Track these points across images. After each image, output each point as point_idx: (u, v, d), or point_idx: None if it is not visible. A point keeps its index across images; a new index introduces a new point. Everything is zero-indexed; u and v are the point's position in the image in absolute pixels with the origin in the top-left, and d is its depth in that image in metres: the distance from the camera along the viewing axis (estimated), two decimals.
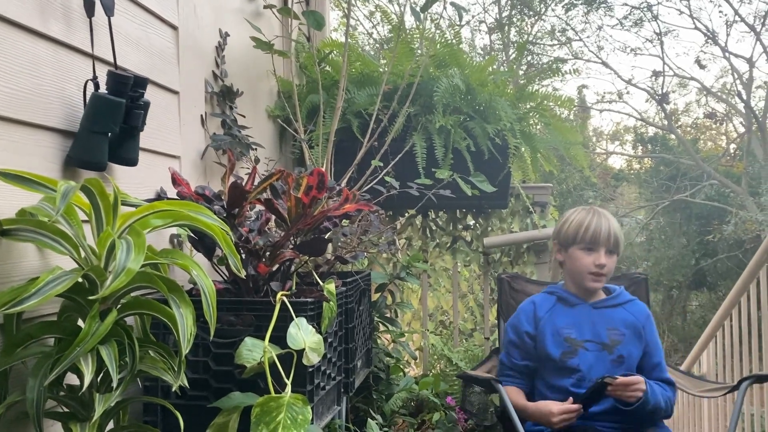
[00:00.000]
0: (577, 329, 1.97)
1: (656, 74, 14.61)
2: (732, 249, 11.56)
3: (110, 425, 1.24)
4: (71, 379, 1.17)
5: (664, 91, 14.74)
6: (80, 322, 1.17)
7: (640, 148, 15.79)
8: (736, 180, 13.02)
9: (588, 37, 18.42)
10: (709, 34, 14.31)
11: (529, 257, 3.03)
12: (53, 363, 1.04)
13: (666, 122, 14.90)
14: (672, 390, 1.96)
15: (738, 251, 11.37)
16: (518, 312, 2.07)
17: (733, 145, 15.23)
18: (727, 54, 14.25)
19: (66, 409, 1.16)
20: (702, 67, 14.78)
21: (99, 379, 1.12)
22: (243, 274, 1.26)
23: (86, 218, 1.16)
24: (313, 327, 1.42)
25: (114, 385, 1.06)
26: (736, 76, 14.34)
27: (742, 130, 14.80)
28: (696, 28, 14.32)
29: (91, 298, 1.07)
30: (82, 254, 1.13)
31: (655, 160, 14.52)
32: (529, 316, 2.02)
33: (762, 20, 13.54)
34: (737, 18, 13.85)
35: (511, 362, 2.02)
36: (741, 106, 14.35)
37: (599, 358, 1.94)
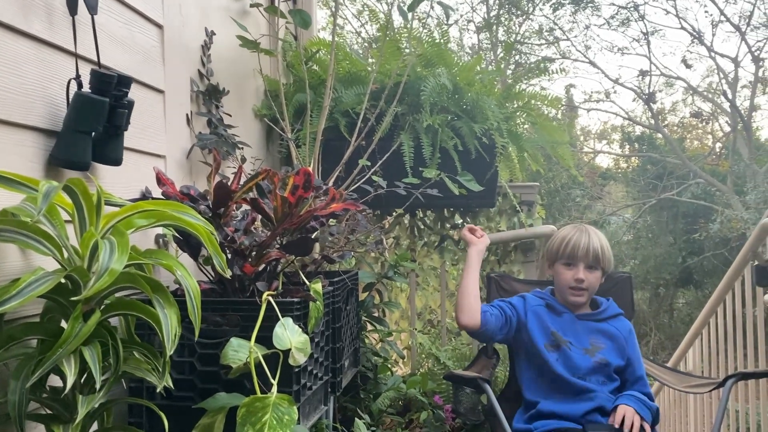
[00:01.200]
0: (561, 332, 2.02)
1: (643, 74, 14.70)
2: (718, 247, 11.66)
3: (94, 427, 1.23)
4: (54, 380, 1.16)
5: (651, 90, 14.84)
6: (63, 324, 1.16)
7: (627, 147, 15.89)
8: (721, 179, 13.13)
9: (575, 36, 18.47)
10: (695, 33, 14.43)
11: (516, 256, 3.04)
12: (35, 364, 1.02)
13: (653, 121, 15.00)
14: (654, 405, 1.99)
15: (724, 249, 11.47)
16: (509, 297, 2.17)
17: (718, 144, 15.37)
18: (712, 54, 14.37)
19: (49, 411, 1.15)
20: (688, 66, 14.88)
21: (82, 380, 1.11)
22: (228, 274, 1.26)
23: (69, 218, 1.14)
24: (300, 327, 1.41)
25: (97, 386, 1.05)
26: (721, 76, 14.47)
27: (727, 129, 14.93)
28: (682, 27, 14.43)
29: (74, 299, 1.06)
30: (65, 255, 1.12)
31: (642, 159, 14.62)
32: (521, 302, 2.12)
33: (747, 20, 13.67)
34: (723, 18, 13.97)
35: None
36: (726, 105, 14.48)
37: (582, 357, 1.97)
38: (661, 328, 12.75)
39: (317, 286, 1.54)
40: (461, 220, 3.12)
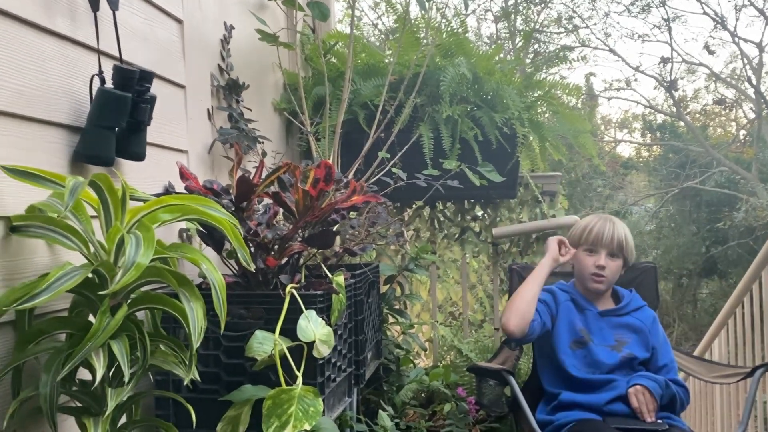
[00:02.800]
0: (587, 330, 2.01)
1: (664, 61, 14.48)
2: (743, 236, 11.48)
3: (123, 419, 1.25)
4: (83, 374, 1.17)
5: (673, 77, 14.62)
6: (91, 318, 1.17)
7: (649, 135, 15.69)
8: (746, 166, 12.91)
9: (595, 24, 18.27)
10: (718, 19, 14.16)
11: (539, 247, 3.02)
12: (65, 358, 1.04)
13: (675, 109, 14.78)
14: (683, 390, 1.96)
15: (749, 238, 11.29)
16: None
17: (743, 131, 15.11)
18: (736, 39, 14.11)
19: (79, 404, 1.17)
20: (711, 52, 14.65)
21: (111, 373, 1.12)
22: (252, 267, 1.26)
23: (95, 213, 1.16)
24: (323, 319, 1.42)
25: (126, 379, 1.06)
26: (745, 62, 14.20)
27: (752, 115, 14.67)
28: (705, 13, 14.18)
29: (101, 293, 1.07)
30: (92, 249, 1.13)
31: (664, 148, 14.42)
32: (550, 298, 2.09)
33: None
34: (747, 2, 13.70)
35: None
36: (751, 91, 14.21)
37: (608, 353, 1.97)
38: (684, 318, 12.60)
39: (339, 278, 1.54)
40: (482, 211, 3.10)
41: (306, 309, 1.38)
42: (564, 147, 2.87)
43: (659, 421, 1.85)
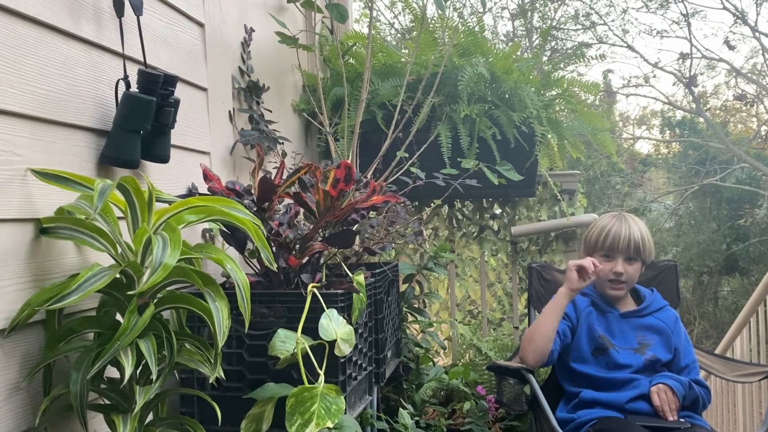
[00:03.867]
0: (608, 335, 1.99)
1: (683, 56, 14.30)
2: (765, 233, 11.32)
3: (149, 417, 1.28)
4: (112, 372, 1.20)
5: (692, 73, 14.44)
6: (119, 317, 1.20)
7: (668, 132, 15.51)
8: (767, 163, 12.73)
9: (613, 20, 18.12)
10: (738, 13, 13.97)
11: (558, 245, 3.01)
12: (94, 357, 1.07)
13: (694, 105, 14.61)
14: (705, 390, 1.95)
15: None
16: None
17: (764, 127, 14.88)
18: (757, 33, 13.89)
19: (107, 402, 1.20)
20: (731, 47, 14.44)
21: (138, 371, 1.15)
22: (275, 266, 1.28)
23: (122, 215, 1.18)
24: (344, 318, 1.43)
25: (153, 377, 1.08)
26: (766, 56, 13.99)
27: None
28: (724, 8, 13.98)
29: (129, 293, 1.09)
30: (119, 250, 1.16)
31: (684, 145, 14.26)
32: (570, 309, 2.04)
33: None
34: None
35: None
36: None
37: (632, 356, 1.95)
38: (705, 316, 12.45)
39: (360, 277, 1.56)
40: (500, 210, 3.10)
41: (327, 308, 1.40)
42: (582, 145, 2.86)
43: (681, 420, 1.85)
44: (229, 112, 1.96)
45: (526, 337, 1.99)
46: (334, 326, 1.39)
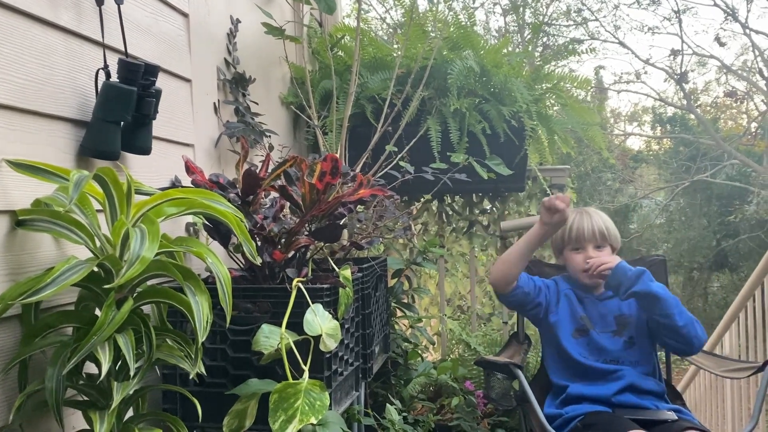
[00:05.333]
0: (589, 317, 2.01)
1: (675, 53, 14.34)
2: (754, 229, 11.39)
3: (129, 413, 1.25)
4: (89, 368, 1.17)
5: (683, 70, 14.48)
6: (97, 311, 1.17)
7: (659, 128, 15.56)
8: (757, 159, 12.79)
9: (604, 16, 18.13)
10: (728, 10, 14.01)
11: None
12: (71, 352, 1.04)
13: (685, 102, 14.66)
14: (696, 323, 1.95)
15: (760, 231, 11.19)
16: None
17: (754, 124, 14.94)
18: (747, 30, 13.95)
19: (85, 398, 1.17)
20: (722, 44, 14.48)
21: (117, 367, 1.13)
22: (258, 261, 1.26)
23: (100, 207, 1.16)
24: (330, 313, 1.41)
25: (132, 373, 1.06)
26: (757, 53, 14.04)
27: (763, 108, 14.52)
28: (715, 4, 14.02)
29: (106, 287, 1.07)
30: (97, 243, 1.13)
31: (675, 141, 14.31)
32: (553, 285, 2.09)
33: None
34: None
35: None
36: (762, 83, 14.07)
37: (610, 340, 1.96)
38: (695, 312, 12.50)
39: (346, 272, 1.54)
40: (490, 205, 3.09)
41: (313, 303, 1.38)
42: (573, 140, 2.85)
43: (668, 412, 1.84)
44: (214, 103, 1.93)
45: (497, 260, 2.04)
46: (320, 321, 1.37)
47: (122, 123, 1.35)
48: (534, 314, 2.07)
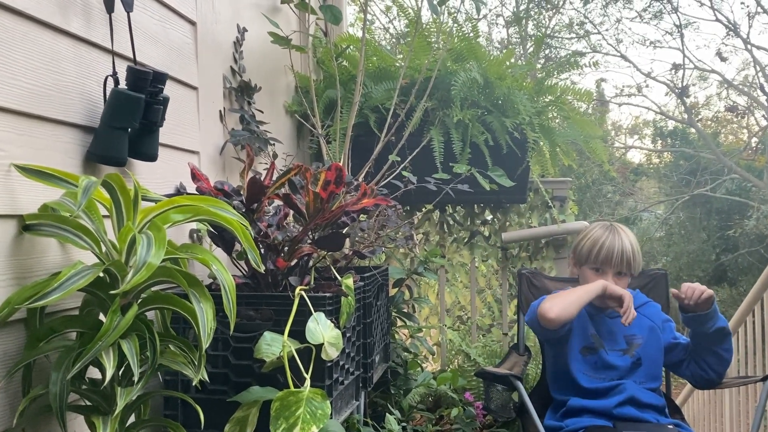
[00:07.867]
0: (598, 336, 1.99)
1: (676, 67, 14.41)
2: (753, 244, 11.39)
3: (132, 419, 1.25)
4: (93, 373, 1.18)
5: (684, 84, 14.54)
6: (102, 317, 1.18)
7: (660, 142, 15.60)
8: (757, 174, 12.81)
9: (606, 30, 18.18)
10: (730, 25, 14.08)
11: (548, 252, 3.01)
12: (75, 357, 1.04)
13: (686, 116, 14.70)
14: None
15: (760, 246, 11.20)
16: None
17: (754, 139, 14.98)
18: (749, 46, 14.02)
19: (88, 403, 1.17)
20: (723, 59, 14.54)
21: (120, 372, 1.13)
22: (262, 268, 1.27)
23: (107, 213, 1.16)
24: (332, 322, 1.42)
25: (135, 379, 1.06)
26: (758, 69, 14.10)
27: (764, 123, 14.57)
28: (717, 19, 14.10)
29: (112, 292, 1.07)
30: (103, 249, 1.14)
31: (675, 155, 14.34)
32: None
33: None
34: (759, 9, 13.62)
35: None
36: (763, 98, 14.12)
37: (620, 358, 1.95)
38: None
39: (349, 281, 1.54)
40: (491, 216, 3.10)
41: (315, 311, 1.38)
42: (574, 152, 2.87)
43: (669, 426, 1.84)
44: (220, 111, 1.94)
45: (552, 297, 1.93)
46: (322, 330, 1.37)
47: (129, 129, 1.35)
48: (560, 337, 1.98)
